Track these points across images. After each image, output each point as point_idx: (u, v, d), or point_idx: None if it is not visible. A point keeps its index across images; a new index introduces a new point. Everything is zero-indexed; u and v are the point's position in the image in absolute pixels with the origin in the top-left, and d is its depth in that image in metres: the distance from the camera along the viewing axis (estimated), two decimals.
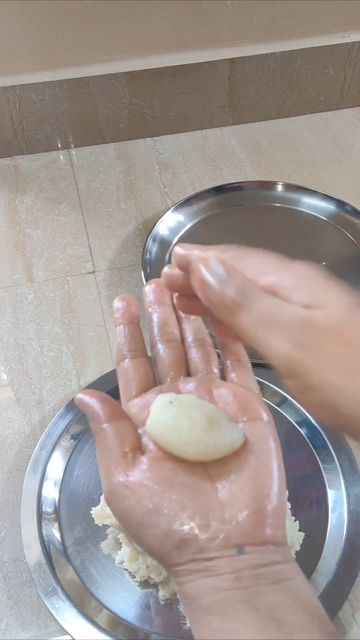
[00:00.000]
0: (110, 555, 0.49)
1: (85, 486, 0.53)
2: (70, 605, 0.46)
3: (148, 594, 0.47)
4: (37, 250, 0.75)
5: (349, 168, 0.86)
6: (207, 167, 0.86)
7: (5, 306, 0.69)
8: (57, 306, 0.69)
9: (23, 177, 0.85)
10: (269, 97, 0.91)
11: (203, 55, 0.84)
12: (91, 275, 0.72)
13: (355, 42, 0.87)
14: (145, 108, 0.87)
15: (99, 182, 0.84)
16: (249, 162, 0.87)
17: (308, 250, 0.74)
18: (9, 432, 0.58)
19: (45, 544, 0.49)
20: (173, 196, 0.82)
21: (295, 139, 0.91)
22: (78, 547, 0.50)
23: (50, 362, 0.63)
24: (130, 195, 0.82)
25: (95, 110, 0.85)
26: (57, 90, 0.81)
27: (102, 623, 0.45)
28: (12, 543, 0.51)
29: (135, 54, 0.82)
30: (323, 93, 0.93)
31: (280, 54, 0.86)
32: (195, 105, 0.89)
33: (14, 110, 0.82)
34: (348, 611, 0.47)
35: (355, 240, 0.75)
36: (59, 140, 0.88)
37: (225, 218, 0.78)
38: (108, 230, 0.78)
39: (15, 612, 0.48)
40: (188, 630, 0.45)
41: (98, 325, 0.67)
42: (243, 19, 0.82)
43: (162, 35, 0.81)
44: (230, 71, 0.86)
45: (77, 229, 0.78)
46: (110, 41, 0.80)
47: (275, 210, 0.79)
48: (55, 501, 0.52)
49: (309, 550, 0.48)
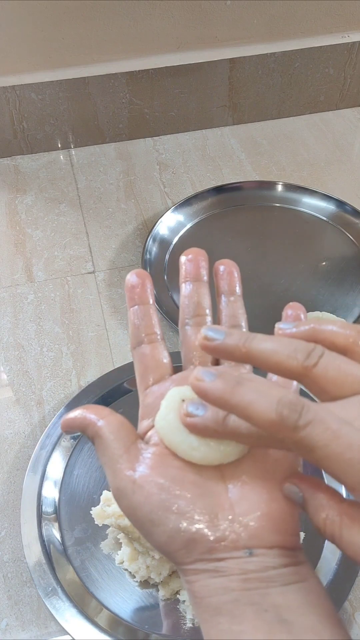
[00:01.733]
0: (110, 555, 0.49)
1: (85, 486, 0.53)
2: (70, 605, 0.46)
3: (148, 594, 0.47)
4: (37, 250, 0.75)
5: (349, 168, 0.86)
6: (207, 167, 0.86)
7: (5, 306, 0.69)
8: (57, 306, 0.69)
9: (23, 177, 0.85)
10: (269, 97, 0.91)
11: (203, 55, 0.84)
12: (91, 275, 0.72)
13: (355, 42, 0.87)
14: (145, 108, 0.87)
15: (99, 182, 0.84)
16: (249, 162, 0.87)
17: (308, 250, 0.74)
18: (9, 432, 0.58)
19: (45, 544, 0.49)
20: (173, 196, 0.82)
21: (295, 139, 0.91)
22: (78, 547, 0.50)
23: (50, 362, 0.63)
24: (130, 195, 0.82)
25: (95, 110, 0.85)
26: (57, 90, 0.81)
27: (102, 623, 0.45)
28: (12, 543, 0.51)
29: (135, 54, 0.82)
30: (323, 93, 0.93)
31: (280, 54, 0.86)
32: (195, 105, 0.89)
33: (14, 110, 0.82)
34: (348, 611, 0.47)
35: (355, 240, 0.75)
36: (59, 140, 0.88)
37: (225, 218, 0.78)
38: (108, 230, 0.78)
39: (15, 612, 0.48)
40: (188, 630, 0.45)
41: (98, 325, 0.67)
42: (243, 19, 0.82)
43: (162, 35, 0.81)
44: (230, 71, 0.86)
45: (77, 229, 0.78)
46: (110, 41, 0.80)
47: (275, 210, 0.79)
48: (55, 501, 0.52)
49: (309, 550, 0.48)
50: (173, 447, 0.29)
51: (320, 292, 0.68)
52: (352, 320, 0.66)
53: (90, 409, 0.31)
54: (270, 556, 0.27)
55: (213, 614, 0.26)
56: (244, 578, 0.26)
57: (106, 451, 0.29)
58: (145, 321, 0.34)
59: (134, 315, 0.34)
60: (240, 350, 0.26)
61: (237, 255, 0.73)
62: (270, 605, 0.25)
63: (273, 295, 0.68)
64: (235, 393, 0.25)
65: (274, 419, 0.24)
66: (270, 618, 0.25)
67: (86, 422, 0.30)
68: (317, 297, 0.68)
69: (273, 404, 0.24)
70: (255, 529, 0.27)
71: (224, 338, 0.27)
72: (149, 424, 0.32)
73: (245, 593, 0.26)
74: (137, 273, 0.35)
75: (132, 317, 0.34)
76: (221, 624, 0.25)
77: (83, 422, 0.30)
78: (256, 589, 0.26)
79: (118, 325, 0.67)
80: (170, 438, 0.29)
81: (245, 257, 0.72)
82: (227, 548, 0.27)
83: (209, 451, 0.28)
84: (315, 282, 0.70)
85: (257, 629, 0.25)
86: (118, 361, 0.63)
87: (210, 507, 0.27)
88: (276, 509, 0.27)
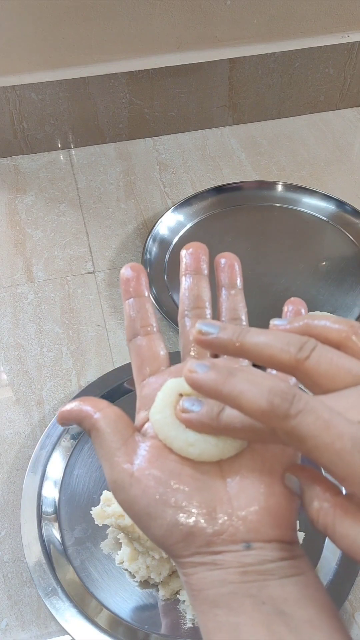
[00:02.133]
0: (110, 555, 0.49)
1: (85, 486, 0.53)
2: (70, 605, 0.46)
3: (148, 594, 0.47)
4: (37, 250, 0.75)
5: (349, 168, 0.86)
6: (207, 167, 0.86)
7: (5, 306, 0.69)
8: (57, 306, 0.69)
9: (23, 177, 0.85)
10: (269, 97, 0.91)
11: (203, 55, 0.84)
12: (91, 275, 0.72)
13: (355, 42, 0.87)
14: (145, 108, 0.87)
15: (99, 182, 0.84)
16: (249, 162, 0.87)
17: (308, 250, 0.74)
18: (9, 432, 0.58)
19: (45, 544, 0.49)
20: (173, 196, 0.82)
21: (295, 139, 0.91)
22: (78, 547, 0.50)
23: (50, 362, 0.63)
24: (130, 195, 0.82)
25: (95, 110, 0.85)
26: (57, 90, 0.81)
27: (102, 623, 0.45)
28: (12, 543, 0.51)
29: (135, 54, 0.82)
30: (323, 93, 0.93)
31: (280, 54, 0.86)
32: (195, 105, 0.89)
33: (14, 110, 0.82)
34: (348, 611, 0.47)
35: (355, 240, 0.75)
36: (59, 140, 0.88)
37: (225, 218, 0.78)
38: (108, 230, 0.78)
39: (15, 612, 0.48)
40: (188, 630, 0.45)
41: (98, 325, 0.67)
42: (243, 19, 0.82)
43: (162, 35, 0.81)
44: (230, 71, 0.86)
45: (77, 229, 0.78)
46: (110, 41, 0.80)
47: (275, 210, 0.79)
48: (55, 501, 0.52)
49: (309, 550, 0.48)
50: (168, 442, 0.29)
51: (320, 292, 0.68)
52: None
53: (86, 401, 0.30)
54: (268, 549, 0.27)
55: (211, 606, 0.26)
56: (241, 571, 0.26)
57: (103, 444, 0.29)
58: (140, 313, 0.34)
59: (129, 307, 0.34)
60: (234, 345, 0.27)
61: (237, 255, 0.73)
62: (268, 598, 0.25)
63: (273, 295, 0.68)
64: (227, 383, 0.25)
65: (265, 408, 0.24)
66: (268, 610, 0.25)
67: (83, 415, 0.30)
68: (317, 297, 0.68)
69: (264, 393, 0.24)
70: (253, 522, 0.27)
71: (218, 332, 0.27)
72: (146, 415, 0.31)
73: (243, 585, 0.26)
74: (131, 266, 0.35)
75: (127, 309, 0.34)
76: (219, 616, 0.25)
77: (79, 414, 0.30)
78: (254, 582, 0.26)
79: (118, 325, 0.67)
80: (165, 433, 0.29)
81: (245, 257, 0.72)
82: (225, 541, 0.27)
83: (206, 447, 0.28)
84: (315, 282, 0.70)
85: (254, 621, 0.25)
86: (118, 361, 0.63)
87: (208, 501, 0.27)
88: (274, 503, 0.27)
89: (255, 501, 0.27)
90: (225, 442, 0.28)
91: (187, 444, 0.28)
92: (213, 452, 0.28)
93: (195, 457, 0.28)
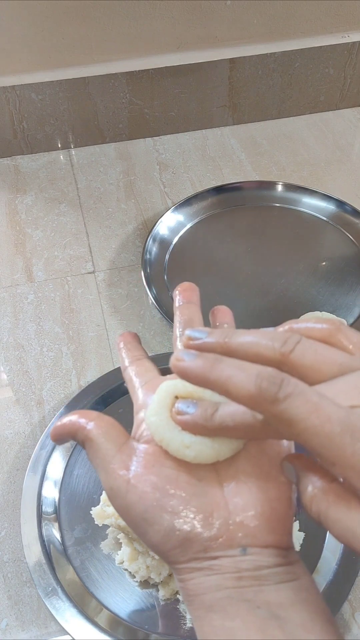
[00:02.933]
0: (110, 555, 0.49)
1: (85, 486, 0.53)
2: (70, 605, 0.46)
3: (148, 594, 0.47)
4: (37, 250, 0.75)
5: (349, 168, 0.86)
6: (207, 167, 0.86)
7: (5, 306, 0.69)
8: (57, 306, 0.69)
9: (23, 177, 0.85)
10: (269, 97, 0.91)
11: (203, 55, 0.84)
12: (91, 275, 0.72)
13: (355, 42, 0.87)
14: (145, 108, 0.87)
15: (99, 182, 0.84)
16: (249, 162, 0.87)
17: (308, 250, 0.74)
18: (9, 432, 0.58)
19: (45, 544, 0.49)
20: (173, 196, 0.82)
21: (295, 139, 0.91)
22: (78, 547, 0.50)
23: (50, 362, 0.63)
24: (130, 195, 0.82)
25: (95, 110, 0.85)
26: (57, 90, 0.81)
27: (102, 623, 0.45)
28: (12, 543, 0.51)
29: (135, 54, 0.82)
30: (323, 93, 0.93)
31: (280, 54, 0.86)
32: (195, 105, 0.89)
33: (14, 110, 0.82)
34: (348, 611, 0.47)
35: (355, 240, 0.75)
36: (59, 140, 0.88)
37: (225, 218, 0.78)
38: (108, 230, 0.78)
39: (15, 612, 0.48)
40: (188, 630, 0.45)
41: (98, 325, 0.67)
42: (243, 19, 0.82)
43: (162, 35, 0.81)
44: (230, 71, 0.86)
45: (77, 229, 0.78)
46: (110, 41, 0.80)
47: (275, 210, 0.79)
48: (55, 501, 0.52)
49: (309, 550, 0.48)
50: (165, 444, 0.29)
51: (320, 292, 0.68)
52: (352, 320, 0.66)
53: (77, 414, 0.31)
54: (264, 555, 0.27)
55: (206, 611, 0.26)
56: (237, 576, 0.26)
57: (98, 453, 0.29)
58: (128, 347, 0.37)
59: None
60: (222, 346, 0.27)
61: (237, 255, 0.74)
62: (263, 602, 0.26)
63: (273, 295, 0.68)
64: (215, 369, 0.25)
65: (253, 392, 0.24)
66: (262, 614, 0.25)
67: (75, 427, 0.30)
68: (317, 297, 0.68)
69: (252, 377, 0.24)
70: (250, 528, 0.27)
71: (206, 336, 0.28)
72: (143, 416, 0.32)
73: (239, 590, 0.26)
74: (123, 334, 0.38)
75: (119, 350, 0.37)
76: (214, 620, 0.26)
77: (72, 427, 0.31)
78: (250, 587, 0.26)
79: (118, 325, 0.67)
80: (161, 435, 0.29)
81: (245, 257, 0.72)
82: (222, 546, 0.27)
83: (202, 449, 0.28)
84: (315, 282, 0.70)
85: (249, 625, 0.25)
86: (118, 361, 0.63)
87: (205, 506, 0.27)
88: (271, 509, 0.28)
89: (251, 506, 0.28)
90: (221, 444, 0.28)
91: (184, 446, 0.28)
92: (209, 454, 0.28)
93: (191, 459, 0.28)
